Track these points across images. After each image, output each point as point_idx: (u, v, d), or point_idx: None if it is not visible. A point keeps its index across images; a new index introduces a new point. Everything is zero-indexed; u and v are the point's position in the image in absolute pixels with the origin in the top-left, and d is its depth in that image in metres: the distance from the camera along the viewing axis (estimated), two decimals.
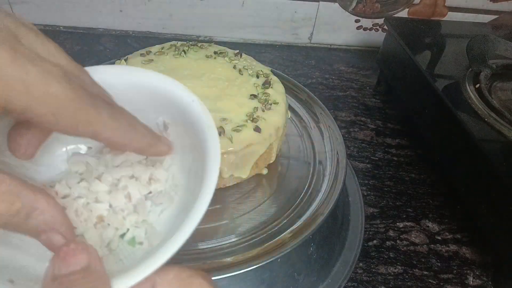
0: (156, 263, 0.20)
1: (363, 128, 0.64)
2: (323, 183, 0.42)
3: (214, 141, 0.24)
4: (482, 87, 0.52)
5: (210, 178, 0.22)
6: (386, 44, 0.70)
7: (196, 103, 0.25)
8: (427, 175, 0.57)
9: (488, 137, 0.47)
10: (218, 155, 0.23)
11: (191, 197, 0.23)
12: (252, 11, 0.78)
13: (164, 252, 0.20)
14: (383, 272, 0.45)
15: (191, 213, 0.21)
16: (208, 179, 0.22)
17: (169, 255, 0.20)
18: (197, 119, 0.25)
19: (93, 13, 0.77)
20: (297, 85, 0.54)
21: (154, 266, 0.19)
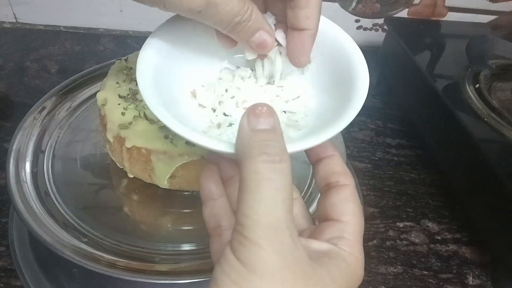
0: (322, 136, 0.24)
1: (363, 128, 0.64)
2: None
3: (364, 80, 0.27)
4: (482, 87, 0.52)
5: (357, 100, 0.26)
6: (386, 44, 0.70)
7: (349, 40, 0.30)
8: (427, 175, 0.57)
9: (487, 137, 0.47)
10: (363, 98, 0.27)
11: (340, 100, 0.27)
12: None
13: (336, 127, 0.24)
14: (383, 272, 0.45)
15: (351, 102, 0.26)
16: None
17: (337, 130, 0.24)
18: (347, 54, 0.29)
19: (93, 13, 0.77)
20: None
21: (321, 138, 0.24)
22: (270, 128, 0.21)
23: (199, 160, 0.37)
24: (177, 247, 0.36)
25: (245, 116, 0.21)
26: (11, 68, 0.67)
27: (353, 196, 0.25)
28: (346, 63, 0.28)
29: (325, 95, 0.29)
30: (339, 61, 0.29)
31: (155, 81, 0.26)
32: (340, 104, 0.26)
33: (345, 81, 0.27)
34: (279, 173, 0.20)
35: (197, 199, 0.40)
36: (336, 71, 0.29)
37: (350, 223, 0.24)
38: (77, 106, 0.49)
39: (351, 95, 0.26)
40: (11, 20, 0.77)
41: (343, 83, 0.27)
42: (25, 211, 0.36)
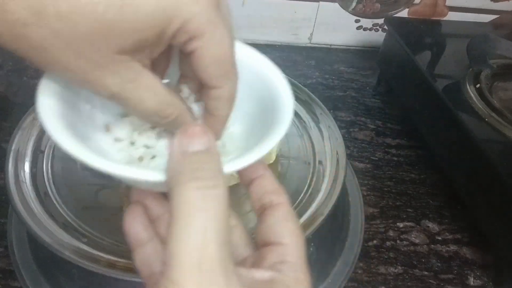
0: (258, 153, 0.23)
1: (363, 128, 0.64)
2: (323, 183, 0.42)
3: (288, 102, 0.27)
4: (483, 87, 0.52)
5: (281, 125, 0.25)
6: (386, 44, 0.70)
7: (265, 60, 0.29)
8: (427, 175, 0.57)
9: (488, 137, 0.47)
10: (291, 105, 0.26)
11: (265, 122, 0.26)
12: (252, 11, 0.78)
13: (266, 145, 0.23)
14: (383, 272, 0.45)
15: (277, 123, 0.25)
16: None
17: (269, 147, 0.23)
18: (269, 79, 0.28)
19: None
20: (297, 85, 0.54)
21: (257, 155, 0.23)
22: (204, 149, 0.20)
23: None
24: None
25: (176, 138, 0.20)
26: (10, 67, 0.67)
27: (289, 214, 0.24)
28: (270, 90, 0.28)
29: (250, 120, 0.28)
30: (262, 89, 0.28)
31: (60, 116, 0.23)
32: (265, 128, 0.26)
33: (270, 107, 0.27)
34: (213, 200, 0.18)
35: None
36: (260, 97, 0.28)
37: (291, 245, 0.22)
38: None
39: (276, 119, 0.25)
40: None
41: (268, 109, 0.27)
42: (24, 211, 0.35)
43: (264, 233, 0.23)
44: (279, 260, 0.22)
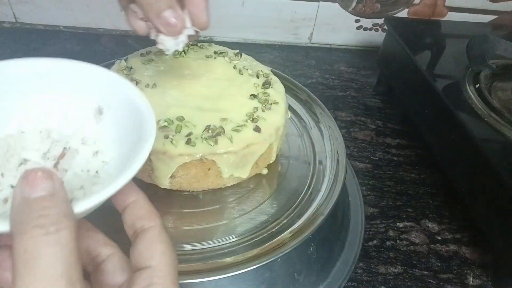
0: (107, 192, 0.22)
1: (363, 128, 0.64)
2: (323, 183, 0.42)
3: (151, 124, 0.26)
4: (482, 87, 0.52)
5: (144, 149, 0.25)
6: (386, 44, 0.70)
7: (131, 88, 0.29)
8: (427, 175, 0.57)
9: (488, 137, 0.47)
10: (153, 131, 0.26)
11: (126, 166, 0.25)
12: (252, 11, 0.78)
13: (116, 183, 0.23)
14: (383, 272, 0.45)
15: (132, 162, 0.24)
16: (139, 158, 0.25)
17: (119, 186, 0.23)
18: (133, 103, 0.28)
19: (93, 13, 0.77)
20: (297, 85, 0.54)
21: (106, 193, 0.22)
22: (47, 194, 0.19)
23: (199, 160, 0.37)
24: (177, 247, 0.36)
25: (18, 185, 0.19)
26: None
27: (159, 236, 0.24)
28: (135, 115, 0.28)
29: (120, 146, 0.29)
30: (129, 114, 0.28)
31: None
32: (131, 152, 0.26)
33: (136, 131, 0.27)
34: (55, 244, 0.18)
35: (197, 199, 0.40)
36: (128, 123, 0.28)
37: (159, 265, 0.22)
38: None
39: (139, 143, 0.26)
40: (10, 20, 0.77)
41: (135, 133, 0.27)
42: None
43: (135, 258, 0.23)
44: (147, 283, 0.22)
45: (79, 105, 0.29)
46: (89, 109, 0.30)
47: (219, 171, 0.39)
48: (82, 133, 0.29)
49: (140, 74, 0.43)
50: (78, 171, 0.27)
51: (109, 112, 0.29)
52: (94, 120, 0.30)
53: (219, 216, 0.39)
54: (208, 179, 0.39)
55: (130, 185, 0.25)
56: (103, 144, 0.29)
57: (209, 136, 0.38)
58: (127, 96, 0.29)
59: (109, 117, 0.29)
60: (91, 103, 0.30)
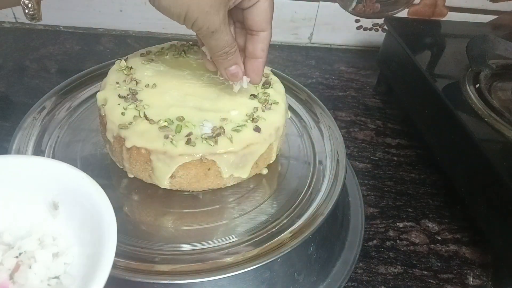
0: None
1: (363, 128, 0.64)
2: (323, 183, 0.42)
3: (110, 216, 0.25)
4: (482, 87, 0.52)
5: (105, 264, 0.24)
6: (386, 44, 0.70)
7: (86, 180, 0.27)
8: (427, 175, 0.57)
9: (488, 137, 0.47)
10: (114, 231, 0.25)
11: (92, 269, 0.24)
12: None
13: None
14: (383, 272, 0.45)
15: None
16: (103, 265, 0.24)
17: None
18: (89, 196, 0.27)
19: (93, 13, 0.77)
20: (297, 85, 0.54)
21: None
22: None
23: (199, 160, 0.37)
24: (177, 247, 0.36)
25: None
26: (10, 68, 0.67)
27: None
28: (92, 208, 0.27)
29: (79, 241, 0.27)
30: (85, 209, 0.27)
31: None
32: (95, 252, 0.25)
33: (95, 230, 0.26)
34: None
35: (197, 199, 0.40)
36: (85, 218, 0.27)
37: None
38: (77, 106, 0.49)
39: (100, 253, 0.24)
40: (10, 20, 0.77)
41: (94, 233, 0.26)
42: None
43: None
44: None
45: (30, 201, 0.28)
46: (43, 205, 0.28)
47: (219, 171, 0.39)
48: (38, 232, 0.27)
49: (140, 74, 0.43)
50: (37, 284, 0.25)
51: (65, 206, 0.28)
52: (50, 216, 0.28)
53: (219, 216, 0.39)
54: (208, 179, 0.39)
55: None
56: (63, 242, 0.27)
57: (209, 136, 0.38)
58: (82, 189, 0.27)
59: (66, 212, 0.28)
60: (44, 198, 0.28)
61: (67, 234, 0.28)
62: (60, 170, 0.28)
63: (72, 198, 0.28)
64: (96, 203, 0.26)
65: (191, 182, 0.39)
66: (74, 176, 0.28)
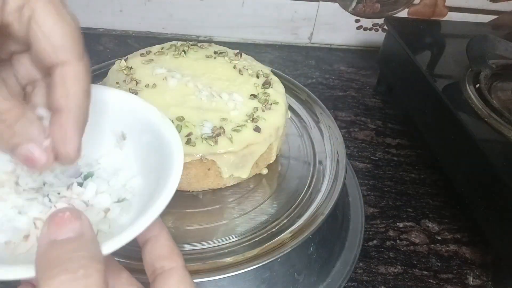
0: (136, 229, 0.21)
1: (363, 128, 0.64)
2: (323, 183, 0.42)
3: (177, 144, 0.25)
4: (482, 87, 0.52)
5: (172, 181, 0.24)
6: (386, 44, 0.70)
7: (155, 112, 0.27)
8: (427, 175, 0.57)
9: (488, 137, 0.47)
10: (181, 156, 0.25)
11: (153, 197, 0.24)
12: (252, 11, 0.78)
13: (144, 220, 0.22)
14: (383, 272, 0.45)
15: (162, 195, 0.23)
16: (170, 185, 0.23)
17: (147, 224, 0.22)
18: (157, 127, 0.27)
19: (93, 13, 0.77)
20: (297, 85, 0.54)
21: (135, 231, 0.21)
22: (75, 236, 0.18)
23: (199, 160, 0.37)
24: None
25: (45, 226, 0.18)
26: None
27: (179, 280, 0.23)
28: (160, 140, 0.26)
29: (146, 172, 0.27)
30: (152, 139, 0.27)
31: None
32: (159, 184, 0.24)
33: (162, 158, 0.26)
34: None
35: (197, 199, 0.40)
36: (151, 148, 0.27)
37: None
38: None
39: (167, 174, 0.24)
40: None
41: (160, 161, 0.26)
42: None
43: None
44: None
45: (99, 131, 0.28)
46: (110, 135, 0.28)
47: (219, 171, 0.39)
48: (106, 161, 0.28)
49: (140, 74, 0.43)
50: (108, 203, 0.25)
51: (133, 137, 0.28)
52: (118, 146, 0.28)
53: (219, 216, 0.39)
54: (208, 179, 0.39)
55: None
56: (129, 171, 0.27)
57: (209, 136, 0.38)
58: (151, 122, 0.27)
59: (133, 143, 0.28)
60: (113, 129, 0.28)
61: (131, 166, 0.28)
62: (130, 102, 0.28)
63: (140, 130, 0.28)
64: (164, 136, 0.26)
65: (191, 182, 0.39)
66: (144, 108, 0.28)
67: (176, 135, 0.26)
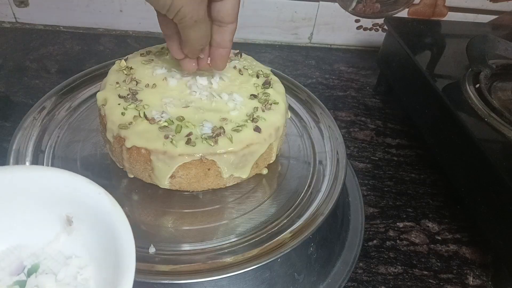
0: None
1: (363, 128, 0.64)
2: (323, 183, 0.42)
3: (128, 234, 0.24)
4: (482, 87, 0.52)
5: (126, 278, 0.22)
6: (386, 44, 0.70)
7: (103, 196, 0.26)
8: (427, 175, 0.57)
9: (488, 137, 0.47)
10: (132, 248, 0.23)
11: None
12: (252, 11, 0.78)
13: None
14: (383, 272, 0.45)
15: None
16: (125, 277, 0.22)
17: None
18: (106, 211, 0.25)
19: (93, 13, 0.77)
20: (297, 85, 0.54)
21: None
22: None
23: (199, 160, 0.37)
24: (177, 247, 0.36)
25: None
26: (10, 68, 0.67)
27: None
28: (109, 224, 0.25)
29: (99, 258, 0.26)
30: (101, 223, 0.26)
31: None
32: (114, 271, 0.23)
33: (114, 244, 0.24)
34: None
35: (197, 199, 0.40)
36: (101, 232, 0.26)
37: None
38: (77, 106, 0.49)
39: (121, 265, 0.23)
40: (10, 20, 0.77)
41: (112, 248, 0.24)
42: None
43: None
44: None
45: (44, 216, 0.26)
46: (56, 220, 0.27)
47: (219, 171, 0.39)
48: (53, 249, 0.26)
49: (140, 74, 0.43)
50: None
51: (80, 223, 0.26)
52: (65, 232, 0.27)
53: (219, 216, 0.39)
54: (208, 179, 0.39)
55: None
56: (78, 261, 0.26)
57: (209, 136, 0.38)
58: (99, 205, 0.25)
59: (81, 229, 0.26)
60: (58, 213, 0.27)
61: (81, 253, 0.26)
62: (75, 184, 0.26)
63: (88, 214, 0.26)
64: (113, 222, 0.25)
65: (191, 182, 0.39)
66: (90, 191, 0.26)
67: (125, 221, 0.25)
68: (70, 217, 0.27)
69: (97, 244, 0.26)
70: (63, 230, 0.27)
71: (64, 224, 0.27)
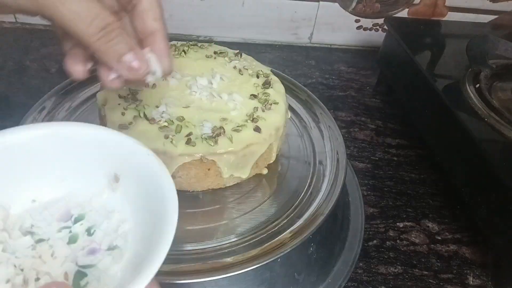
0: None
1: (363, 128, 0.64)
2: (323, 183, 0.42)
3: (172, 192, 0.25)
4: (482, 87, 0.52)
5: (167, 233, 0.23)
6: (386, 44, 0.70)
7: (152, 157, 0.26)
8: (427, 175, 0.57)
9: (488, 137, 0.47)
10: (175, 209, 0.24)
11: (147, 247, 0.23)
12: (252, 11, 0.78)
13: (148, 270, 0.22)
14: (383, 272, 0.45)
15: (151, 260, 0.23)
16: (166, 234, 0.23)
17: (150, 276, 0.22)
18: (153, 172, 0.26)
19: None
20: (297, 85, 0.54)
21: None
22: None
23: (199, 160, 0.37)
24: (177, 247, 0.36)
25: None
26: (10, 68, 0.67)
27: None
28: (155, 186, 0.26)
29: (139, 218, 0.27)
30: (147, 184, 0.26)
31: None
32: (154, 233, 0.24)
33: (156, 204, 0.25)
34: None
35: (197, 199, 0.40)
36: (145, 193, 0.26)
37: None
38: (77, 106, 0.49)
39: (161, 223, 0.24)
40: (10, 20, 0.77)
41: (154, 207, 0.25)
42: None
43: None
44: None
45: (91, 172, 0.27)
46: (103, 177, 0.28)
47: (219, 171, 0.39)
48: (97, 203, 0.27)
49: None
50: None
51: (126, 181, 0.27)
52: (110, 188, 0.28)
53: (219, 216, 0.39)
54: (208, 179, 0.39)
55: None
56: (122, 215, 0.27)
57: (209, 136, 0.38)
58: (146, 165, 0.26)
59: (126, 187, 0.27)
60: (106, 170, 0.28)
61: (123, 209, 0.27)
62: (125, 144, 0.27)
63: (134, 173, 0.27)
64: (159, 182, 0.25)
65: (191, 182, 0.39)
66: (139, 151, 0.27)
67: (171, 182, 0.25)
68: (118, 175, 0.28)
69: (140, 201, 0.26)
70: (108, 186, 0.28)
71: (111, 180, 0.28)
